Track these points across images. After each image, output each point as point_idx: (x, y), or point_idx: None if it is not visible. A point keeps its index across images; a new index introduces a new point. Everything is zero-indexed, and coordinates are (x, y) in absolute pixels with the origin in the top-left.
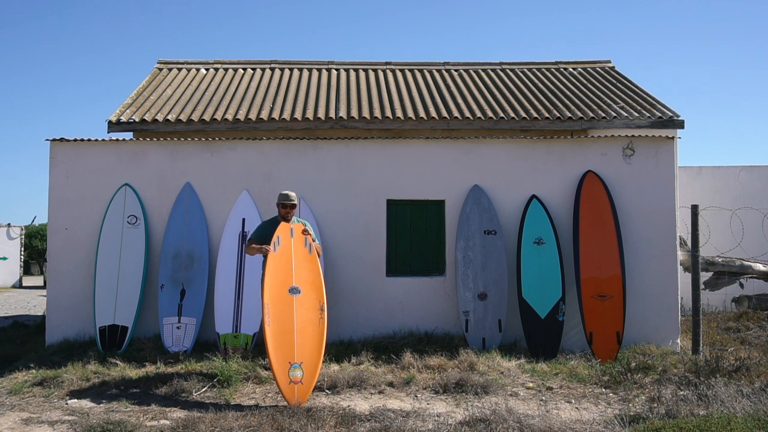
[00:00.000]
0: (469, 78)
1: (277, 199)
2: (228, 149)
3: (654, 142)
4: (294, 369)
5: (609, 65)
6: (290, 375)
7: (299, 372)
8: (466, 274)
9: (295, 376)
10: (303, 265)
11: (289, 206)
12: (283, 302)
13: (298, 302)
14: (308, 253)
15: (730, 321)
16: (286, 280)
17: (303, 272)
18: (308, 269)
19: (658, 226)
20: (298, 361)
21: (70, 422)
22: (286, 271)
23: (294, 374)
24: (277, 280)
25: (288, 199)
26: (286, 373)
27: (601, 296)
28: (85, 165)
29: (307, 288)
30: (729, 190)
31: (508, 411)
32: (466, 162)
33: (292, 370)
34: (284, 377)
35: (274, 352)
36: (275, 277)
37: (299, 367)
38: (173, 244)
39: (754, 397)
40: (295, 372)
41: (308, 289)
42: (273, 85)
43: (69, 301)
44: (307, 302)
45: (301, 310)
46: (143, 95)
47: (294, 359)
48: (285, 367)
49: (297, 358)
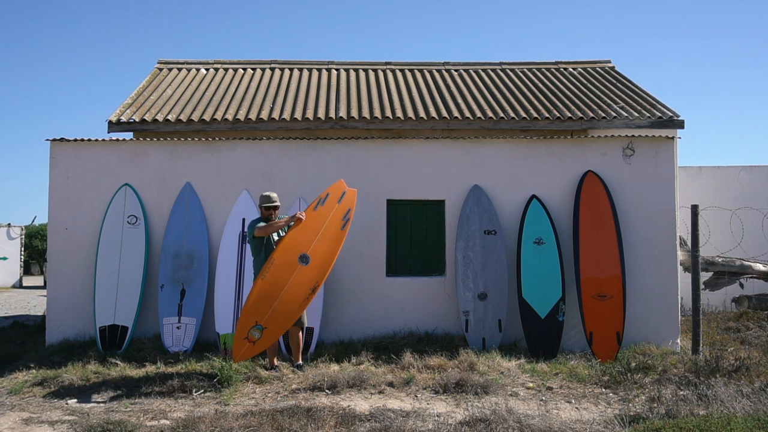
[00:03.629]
0: (469, 78)
1: (258, 201)
2: (228, 149)
3: (654, 142)
4: (255, 329)
5: (609, 65)
6: (249, 332)
7: (257, 334)
8: (466, 274)
9: (252, 335)
10: (327, 240)
11: (272, 208)
12: (287, 265)
13: (299, 273)
14: (340, 229)
15: (730, 321)
16: (304, 244)
17: (323, 246)
18: (329, 246)
19: (658, 226)
20: (265, 324)
21: (70, 422)
22: (309, 234)
23: (253, 333)
24: (296, 240)
25: (269, 201)
26: (246, 329)
27: (601, 296)
28: (85, 165)
29: (315, 263)
30: (729, 190)
31: (508, 411)
32: (466, 162)
33: (254, 329)
34: (243, 331)
35: (251, 305)
36: (297, 234)
37: (261, 330)
38: (173, 244)
39: (754, 397)
40: (255, 332)
41: (315, 265)
42: (273, 85)
43: (69, 301)
44: (307, 277)
45: (297, 281)
46: (143, 95)
47: (262, 321)
48: (250, 323)
49: (265, 322)
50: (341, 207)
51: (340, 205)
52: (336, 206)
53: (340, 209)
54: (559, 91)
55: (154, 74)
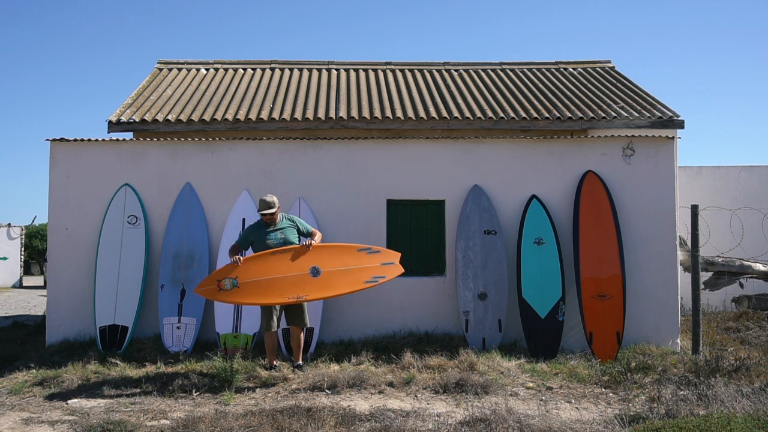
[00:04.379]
0: (469, 78)
1: (258, 206)
2: (228, 149)
3: (654, 142)
4: (231, 281)
5: (609, 65)
6: (225, 280)
7: (228, 286)
8: (466, 274)
9: (224, 284)
10: (345, 278)
11: (267, 215)
12: (298, 264)
13: (301, 277)
14: (363, 282)
15: (730, 321)
16: (327, 263)
17: (338, 278)
18: (341, 283)
19: (658, 226)
20: (241, 286)
21: (70, 422)
22: (338, 261)
23: (225, 283)
24: (325, 255)
25: (265, 208)
26: (225, 275)
27: (601, 296)
28: (85, 165)
29: (319, 284)
30: (729, 190)
31: (508, 411)
32: (466, 162)
33: (231, 280)
34: (221, 275)
35: (246, 263)
36: (332, 252)
37: (234, 285)
38: (173, 244)
39: (754, 397)
40: (227, 283)
41: (317, 284)
42: (273, 85)
43: (69, 301)
44: (302, 286)
45: (293, 281)
46: (143, 95)
47: (241, 281)
48: (228, 274)
49: (242, 284)
50: (380, 269)
51: (381, 267)
52: (377, 265)
53: (377, 269)
54: (559, 91)
55: (154, 74)
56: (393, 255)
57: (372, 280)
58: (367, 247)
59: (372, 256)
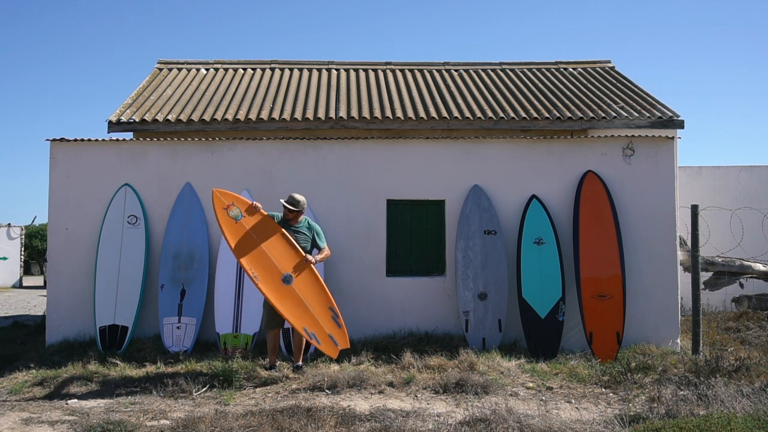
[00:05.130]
0: (469, 78)
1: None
2: (228, 149)
3: (654, 142)
4: (237, 214)
5: (609, 65)
6: (235, 207)
7: (234, 213)
8: (466, 274)
9: (232, 209)
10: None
11: (287, 210)
12: (284, 259)
13: (273, 270)
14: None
15: (730, 321)
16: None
17: (291, 305)
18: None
19: (658, 226)
20: (244, 221)
21: (70, 422)
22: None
23: (234, 209)
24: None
25: (291, 202)
26: (237, 204)
27: (601, 296)
28: (85, 165)
29: (276, 287)
30: (729, 190)
31: (508, 411)
32: (466, 162)
33: (239, 211)
34: (237, 201)
35: (259, 217)
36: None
37: (239, 218)
38: (173, 244)
39: (754, 397)
40: (235, 210)
41: (273, 286)
42: (273, 85)
43: (69, 301)
44: (267, 273)
45: (265, 265)
46: (143, 95)
47: (246, 222)
48: (241, 206)
49: (245, 222)
50: (323, 334)
51: (327, 335)
52: (326, 330)
53: (322, 333)
54: (559, 91)
55: (154, 74)
56: (343, 340)
57: (310, 335)
58: (335, 313)
59: (330, 321)
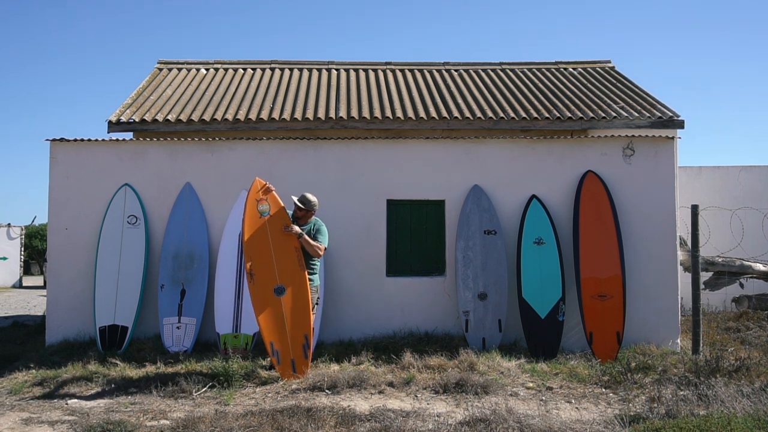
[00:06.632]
0: (469, 78)
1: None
2: (228, 149)
3: (654, 142)
4: (265, 210)
5: (609, 65)
6: (266, 204)
7: (263, 208)
8: (466, 274)
9: (263, 203)
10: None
11: (296, 208)
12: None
13: (270, 270)
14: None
15: (730, 321)
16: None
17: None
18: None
19: (658, 226)
20: (267, 221)
21: (70, 422)
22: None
23: (264, 204)
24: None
25: (302, 200)
26: (269, 205)
27: (601, 296)
28: (85, 165)
29: (263, 290)
30: (729, 190)
31: (508, 411)
32: (466, 162)
33: (267, 207)
34: (269, 199)
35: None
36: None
37: (266, 215)
38: (173, 244)
39: (754, 397)
40: (264, 206)
41: (263, 289)
42: (273, 85)
43: (69, 301)
44: (264, 272)
45: (264, 262)
46: (143, 95)
47: (270, 225)
48: (272, 208)
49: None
50: (286, 355)
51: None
52: (291, 352)
53: (285, 354)
54: (559, 91)
55: (154, 74)
56: (302, 370)
57: (274, 351)
58: (307, 343)
59: (299, 348)
